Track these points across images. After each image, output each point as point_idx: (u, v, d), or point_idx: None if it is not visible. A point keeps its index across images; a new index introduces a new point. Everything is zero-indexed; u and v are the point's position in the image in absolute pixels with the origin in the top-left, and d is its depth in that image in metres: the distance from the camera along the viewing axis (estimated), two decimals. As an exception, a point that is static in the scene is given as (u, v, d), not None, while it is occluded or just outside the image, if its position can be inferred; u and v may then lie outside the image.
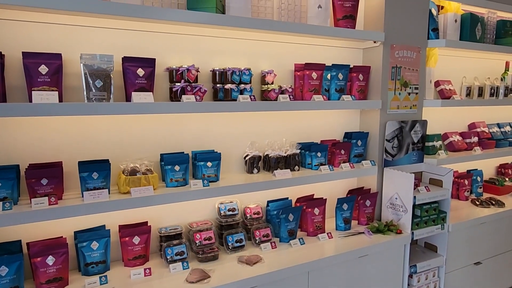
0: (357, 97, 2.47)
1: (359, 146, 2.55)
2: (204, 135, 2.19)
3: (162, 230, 2.03)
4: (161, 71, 2.01)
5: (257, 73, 2.27)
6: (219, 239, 2.18)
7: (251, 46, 2.25)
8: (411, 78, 2.63)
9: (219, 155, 2.07)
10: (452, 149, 3.10)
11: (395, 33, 2.50)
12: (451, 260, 2.65)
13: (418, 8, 2.59)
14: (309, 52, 2.46)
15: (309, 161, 2.36)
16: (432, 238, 2.66)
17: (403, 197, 2.41)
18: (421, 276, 2.51)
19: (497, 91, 3.18)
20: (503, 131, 3.52)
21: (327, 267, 2.08)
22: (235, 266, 1.94)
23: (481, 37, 2.96)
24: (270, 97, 2.17)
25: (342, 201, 2.41)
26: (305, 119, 2.52)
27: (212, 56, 2.15)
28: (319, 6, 2.22)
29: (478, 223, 2.74)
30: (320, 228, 2.35)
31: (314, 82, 2.27)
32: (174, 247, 1.93)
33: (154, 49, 1.99)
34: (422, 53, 2.66)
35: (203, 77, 2.12)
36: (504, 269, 3.03)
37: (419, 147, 2.73)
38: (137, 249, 1.91)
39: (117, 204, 1.71)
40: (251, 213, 2.28)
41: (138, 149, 2.01)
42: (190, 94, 1.92)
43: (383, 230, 2.38)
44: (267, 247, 2.13)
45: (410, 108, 2.67)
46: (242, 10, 1.97)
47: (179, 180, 1.94)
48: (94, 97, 1.67)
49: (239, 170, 2.31)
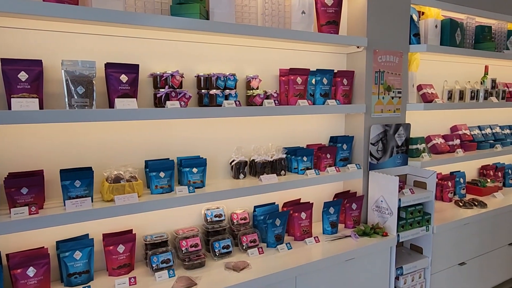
0: (341, 101, 2.50)
1: (344, 150, 2.57)
2: (190, 141, 2.18)
3: (147, 238, 2.00)
4: (145, 77, 1.99)
5: (242, 79, 2.27)
6: (206, 246, 2.16)
7: (235, 52, 2.26)
8: (394, 82, 2.68)
9: (204, 161, 2.06)
10: (435, 152, 3.16)
11: (378, 39, 2.55)
12: (436, 261, 2.69)
13: (399, 14, 2.65)
14: (293, 58, 2.48)
15: (295, 166, 2.36)
16: (417, 240, 2.70)
17: (388, 199, 2.44)
18: (407, 278, 2.53)
19: (477, 95, 3.26)
20: (484, 133, 3.61)
21: (314, 271, 2.09)
22: (222, 272, 1.92)
23: (461, 42, 3.04)
24: (255, 102, 2.17)
25: (329, 205, 2.42)
26: (290, 124, 2.53)
27: (197, 62, 2.15)
28: (303, 12, 2.25)
29: (462, 224, 2.79)
30: (307, 232, 2.36)
31: (299, 87, 2.29)
32: (160, 255, 1.90)
33: (137, 55, 1.97)
34: (404, 58, 2.71)
35: (188, 83, 2.12)
36: (488, 269, 3.09)
37: (403, 150, 2.77)
38: (121, 258, 1.87)
39: (100, 213, 1.68)
40: (238, 219, 2.27)
41: (122, 156, 1.99)
42: (174, 100, 1.91)
43: (369, 233, 2.39)
44: (254, 253, 2.12)
45: (394, 112, 2.71)
46: (226, 16, 1.98)
47: (164, 186, 1.92)
48: (76, 104, 1.64)
49: (225, 175, 2.30)
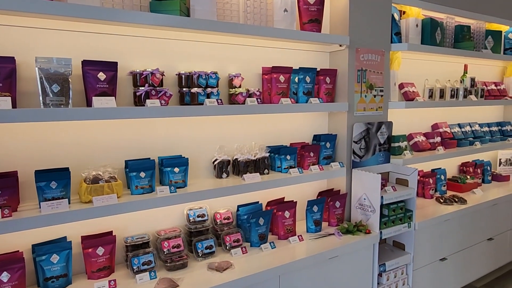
0: (324, 99, 2.50)
1: (328, 148, 2.58)
2: (171, 140, 2.14)
3: (128, 239, 1.96)
4: (124, 75, 1.95)
5: (224, 77, 2.25)
6: (189, 246, 2.13)
7: (217, 50, 2.23)
8: (376, 80, 2.70)
9: (186, 160, 2.03)
10: (417, 149, 3.20)
11: (360, 37, 2.56)
12: (418, 257, 2.73)
13: (381, 13, 2.67)
14: (276, 56, 2.47)
15: (278, 164, 2.36)
16: (399, 237, 2.73)
17: (371, 197, 2.46)
18: (390, 274, 2.56)
19: (457, 93, 3.32)
20: (463, 131, 3.68)
21: (298, 270, 2.08)
22: (205, 273, 1.90)
23: (441, 41, 3.09)
24: (237, 101, 2.15)
25: (312, 203, 2.43)
26: (274, 122, 2.52)
27: (178, 60, 2.11)
28: (285, 10, 2.24)
29: (443, 220, 2.84)
30: (291, 231, 2.36)
31: (281, 85, 2.28)
32: (141, 257, 1.87)
33: (116, 53, 1.93)
34: (386, 56, 2.74)
35: (169, 81, 2.08)
36: (468, 264, 3.15)
37: (385, 148, 2.80)
38: (101, 261, 1.83)
39: (78, 214, 1.63)
40: (221, 219, 2.24)
41: (101, 156, 1.94)
42: (154, 98, 1.87)
43: (352, 231, 2.41)
44: (237, 253, 2.10)
45: (376, 110, 2.73)
46: (207, 13, 1.95)
47: (144, 187, 1.88)
48: (51, 102, 1.59)
49: (208, 175, 2.28)
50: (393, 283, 2.59)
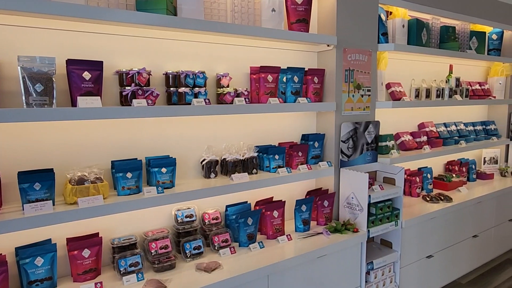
0: (312, 99, 2.51)
1: (316, 147, 2.59)
2: (159, 140, 2.12)
3: (115, 241, 1.93)
4: (110, 75, 1.92)
5: (212, 76, 2.24)
6: (177, 247, 2.11)
7: (205, 49, 2.22)
8: (364, 80, 2.72)
9: (174, 161, 2.01)
10: (404, 148, 3.24)
11: (347, 37, 2.58)
12: (405, 255, 2.76)
13: (368, 13, 2.69)
14: (264, 55, 2.47)
15: (267, 164, 2.36)
16: (387, 235, 2.76)
17: (359, 196, 2.48)
18: (377, 272, 2.59)
19: (443, 93, 3.37)
20: (449, 130, 3.74)
21: (287, 269, 2.09)
22: (193, 274, 1.89)
23: (427, 41, 3.13)
24: (225, 100, 2.14)
25: (301, 203, 2.44)
26: (262, 122, 2.52)
27: (165, 59, 2.09)
28: (273, 10, 2.24)
29: (429, 218, 2.88)
30: (279, 230, 2.36)
31: (269, 85, 2.28)
32: (128, 258, 1.84)
33: (102, 52, 1.90)
34: (373, 56, 2.76)
35: (156, 80, 2.06)
36: (453, 261, 3.21)
37: (373, 147, 2.83)
38: (87, 263, 1.80)
39: (62, 216, 1.60)
40: (209, 219, 2.23)
41: (86, 156, 1.91)
42: (141, 98, 1.85)
43: (340, 230, 2.42)
44: (226, 253, 2.10)
45: (364, 110, 2.76)
46: (194, 12, 1.94)
47: (131, 187, 1.86)
48: (34, 102, 1.55)
49: (196, 175, 2.26)
50: (381, 281, 2.62)
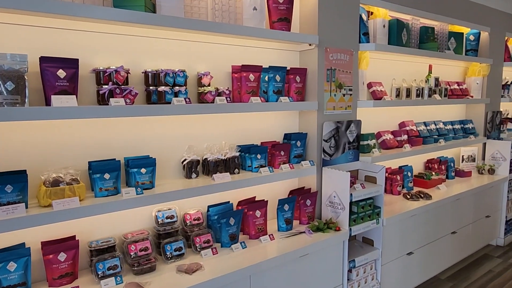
0: (294, 98, 2.51)
1: (298, 147, 2.59)
2: (138, 140, 2.08)
3: (92, 243, 1.88)
4: (87, 73, 1.87)
5: (193, 75, 2.21)
6: (157, 249, 2.08)
7: (185, 47, 2.19)
8: (345, 80, 2.74)
9: (154, 161, 1.97)
10: (385, 147, 3.28)
11: (329, 37, 2.59)
12: (386, 252, 2.80)
13: (349, 13, 2.71)
14: (246, 54, 2.45)
15: (249, 164, 2.34)
16: (368, 233, 2.79)
17: (341, 195, 2.49)
18: (359, 270, 2.61)
19: (422, 92, 3.43)
20: (429, 129, 3.81)
21: (269, 269, 2.08)
22: (174, 276, 1.86)
23: (407, 41, 3.18)
24: (206, 100, 2.12)
25: (283, 202, 2.43)
26: (244, 121, 2.50)
27: (144, 57, 2.05)
28: (254, 8, 2.22)
29: (409, 215, 2.92)
30: (262, 230, 2.35)
31: (251, 84, 2.27)
32: (106, 261, 1.80)
33: (78, 49, 1.84)
34: (354, 56, 2.78)
35: (135, 79, 2.01)
36: (433, 257, 3.27)
37: (354, 146, 2.85)
38: (63, 267, 1.75)
39: (36, 219, 1.55)
40: (191, 219, 2.20)
41: (62, 157, 1.85)
42: (119, 97, 1.80)
43: (323, 228, 2.43)
44: (208, 254, 2.07)
45: (345, 109, 2.78)
46: (174, 9, 1.90)
47: (109, 189, 1.81)
48: (5, 101, 1.49)
49: (177, 175, 2.23)
50: (363, 278, 2.64)
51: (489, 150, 4.23)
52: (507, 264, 3.76)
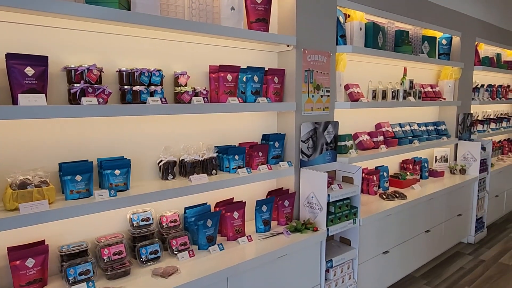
0: (272, 99, 2.51)
1: (276, 147, 2.59)
2: (112, 141, 2.02)
3: (63, 248, 1.81)
4: (57, 71, 1.80)
5: (170, 75, 2.17)
6: (132, 252, 2.02)
7: (162, 46, 2.15)
8: (323, 81, 2.76)
9: (128, 162, 1.92)
10: (362, 148, 3.33)
11: (307, 38, 2.60)
12: (363, 252, 2.84)
13: (327, 15, 2.73)
14: (225, 54, 2.43)
15: (226, 165, 2.32)
16: (345, 233, 2.82)
17: (318, 195, 2.51)
18: (337, 270, 2.63)
19: (398, 94, 3.51)
20: (403, 130, 3.90)
21: (247, 270, 2.06)
22: (149, 280, 1.81)
23: (383, 44, 3.24)
24: (183, 100, 2.08)
25: (261, 203, 2.42)
26: (222, 122, 2.48)
27: (118, 56, 2.00)
28: (232, 8, 2.21)
29: (385, 215, 2.98)
30: (240, 231, 2.33)
31: (229, 84, 2.25)
32: (77, 266, 1.73)
33: (48, 46, 1.77)
34: (332, 57, 2.81)
35: (108, 78, 1.96)
36: (408, 255, 3.34)
37: (332, 147, 2.88)
38: (31, 273, 1.67)
39: (1, 224, 1.48)
40: (167, 222, 2.16)
41: (31, 159, 1.77)
42: (91, 96, 1.75)
43: (300, 229, 2.44)
44: (184, 256, 2.04)
45: (323, 110, 2.80)
46: (149, 7, 1.86)
47: (81, 191, 1.75)
48: (-33, 99, 1.41)
49: (153, 177, 2.18)
50: (340, 278, 2.67)
51: (460, 151, 4.37)
52: (477, 261, 3.90)
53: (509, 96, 5.71)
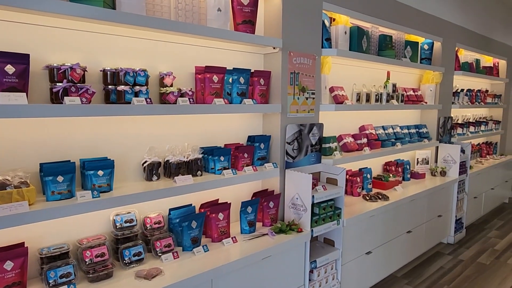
0: (258, 101, 2.52)
1: (262, 149, 2.60)
2: (96, 141, 1.99)
3: (43, 250, 1.77)
4: (39, 69, 1.76)
5: (155, 75, 2.15)
6: (115, 254, 2.00)
7: (147, 46, 2.13)
8: (308, 83, 2.79)
9: (112, 163, 1.89)
10: (346, 150, 3.38)
11: (293, 41, 2.63)
12: (346, 252, 2.88)
13: (312, 19, 2.77)
14: (210, 55, 2.43)
15: (212, 166, 2.32)
16: (329, 233, 2.85)
17: (303, 196, 2.53)
18: (320, 270, 2.66)
19: (381, 97, 3.58)
20: (386, 133, 3.98)
21: (231, 272, 2.06)
22: (132, 282, 1.79)
23: (367, 48, 3.30)
24: (169, 100, 2.07)
25: (246, 204, 2.43)
26: (208, 123, 2.48)
27: (103, 55, 1.97)
28: (219, 9, 2.21)
29: (368, 216, 3.03)
30: (224, 233, 2.33)
31: (215, 86, 2.25)
32: (58, 269, 1.70)
33: (30, 44, 1.74)
34: (317, 60, 2.84)
35: (92, 77, 1.93)
36: (390, 256, 3.41)
37: (317, 148, 2.91)
38: (10, 276, 1.62)
39: (-22, 226, 1.43)
40: (151, 223, 2.14)
41: (11, 159, 1.73)
42: (74, 95, 1.72)
43: (285, 230, 2.46)
44: (168, 258, 2.02)
45: (308, 112, 2.83)
46: (135, 6, 1.84)
47: (63, 192, 1.72)
48: None
49: (137, 178, 2.16)
50: (324, 278, 2.70)
51: (441, 153, 4.48)
52: (457, 261, 4.00)
53: (487, 100, 5.89)
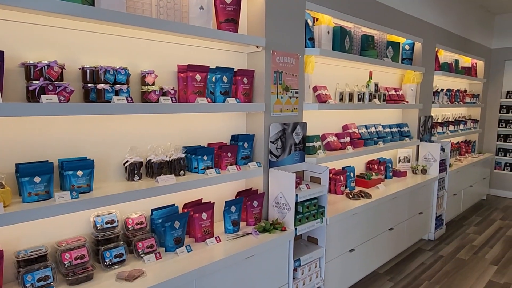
0: (242, 100, 2.52)
1: (245, 148, 2.60)
2: (75, 141, 1.94)
3: (20, 253, 1.72)
4: (15, 67, 1.71)
5: (136, 73, 2.12)
6: (96, 256, 1.96)
7: (128, 44, 2.09)
8: (292, 83, 2.80)
9: (91, 163, 1.86)
10: (329, 149, 3.41)
11: (276, 40, 2.63)
12: (330, 250, 2.90)
13: (295, 18, 2.78)
14: (193, 54, 2.41)
15: (195, 165, 2.30)
16: (313, 232, 2.87)
17: (287, 195, 2.54)
18: (304, 268, 2.68)
19: (363, 97, 3.62)
20: (369, 132, 4.03)
21: (215, 272, 2.05)
22: (113, 284, 1.76)
23: (349, 48, 3.34)
24: (150, 99, 2.04)
25: (230, 204, 2.42)
26: (191, 122, 2.45)
27: (82, 53, 1.92)
28: (201, 8, 2.19)
29: (351, 214, 3.06)
30: (208, 233, 2.32)
31: (198, 84, 2.23)
32: (36, 272, 1.65)
33: (4, 40, 1.68)
34: (300, 59, 2.86)
35: (71, 75, 1.88)
36: (373, 253, 3.46)
37: (300, 147, 2.92)
38: (-16, 281, 1.58)
39: (-50, 229, 1.38)
40: (133, 224, 2.11)
41: (-16, 159, 1.67)
42: (52, 94, 1.67)
43: (269, 229, 2.46)
44: (151, 259, 1.99)
45: (292, 111, 2.84)
46: (115, 4, 1.81)
47: (40, 193, 1.67)
48: None
49: (118, 178, 2.12)
50: (307, 276, 2.72)
51: (422, 152, 4.58)
52: (437, 257, 4.09)
53: (466, 100, 6.05)
